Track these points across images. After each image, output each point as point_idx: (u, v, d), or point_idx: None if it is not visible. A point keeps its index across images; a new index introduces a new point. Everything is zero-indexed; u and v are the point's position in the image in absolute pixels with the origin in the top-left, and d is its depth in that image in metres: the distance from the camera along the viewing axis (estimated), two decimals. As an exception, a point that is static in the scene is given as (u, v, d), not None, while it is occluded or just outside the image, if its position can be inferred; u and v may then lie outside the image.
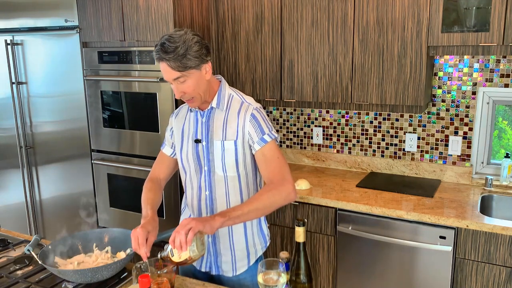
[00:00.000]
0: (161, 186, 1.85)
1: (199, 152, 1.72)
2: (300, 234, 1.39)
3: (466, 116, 2.66)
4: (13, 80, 3.42)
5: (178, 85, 1.60)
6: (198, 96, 1.64)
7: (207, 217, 1.48)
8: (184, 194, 1.85)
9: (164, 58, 1.54)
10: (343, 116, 3.02)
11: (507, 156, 2.56)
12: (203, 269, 1.81)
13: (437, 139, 2.76)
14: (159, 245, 1.56)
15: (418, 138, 2.81)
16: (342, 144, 3.06)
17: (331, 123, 3.07)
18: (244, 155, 1.70)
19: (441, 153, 2.76)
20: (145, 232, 1.49)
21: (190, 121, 1.77)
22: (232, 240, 1.75)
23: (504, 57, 2.51)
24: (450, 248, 2.20)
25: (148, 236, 1.50)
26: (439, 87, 2.70)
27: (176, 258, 1.44)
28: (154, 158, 2.96)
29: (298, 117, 3.18)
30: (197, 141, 1.72)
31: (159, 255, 1.48)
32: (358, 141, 3.00)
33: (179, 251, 1.41)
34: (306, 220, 2.25)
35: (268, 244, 1.86)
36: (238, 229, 1.75)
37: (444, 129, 2.73)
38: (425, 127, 2.78)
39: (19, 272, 1.67)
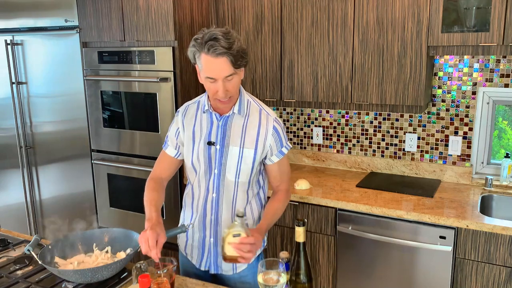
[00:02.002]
0: (164, 185, 1.84)
1: (211, 155, 1.70)
2: (300, 234, 1.39)
3: (466, 116, 2.66)
4: (13, 80, 3.42)
5: (226, 83, 1.56)
6: (236, 95, 1.64)
7: (262, 233, 1.60)
8: (186, 192, 1.84)
9: (227, 53, 1.49)
10: (343, 116, 3.02)
11: (507, 156, 2.56)
12: (202, 268, 1.81)
13: (437, 139, 2.76)
14: (167, 247, 1.56)
15: (418, 138, 2.81)
16: (342, 144, 3.06)
17: (331, 123, 3.07)
18: (259, 164, 1.73)
19: (441, 153, 2.76)
20: (155, 234, 1.49)
21: (203, 122, 1.73)
22: None
23: (504, 57, 2.51)
24: (450, 248, 2.20)
25: (158, 238, 1.50)
26: (439, 87, 2.70)
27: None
28: (154, 158, 2.96)
29: (298, 117, 3.18)
30: (210, 143, 1.70)
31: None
32: (358, 141, 3.00)
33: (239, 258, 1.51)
34: (306, 220, 2.25)
35: (266, 244, 1.86)
36: None
37: (444, 129, 2.73)
38: (425, 127, 2.78)
39: (19, 272, 1.67)
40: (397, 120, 2.86)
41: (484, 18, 2.27)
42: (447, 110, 2.70)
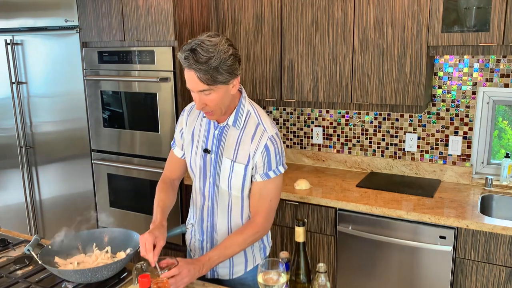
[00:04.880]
0: (175, 186, 1.82)
1: (206, 162, 1.67)
2: (300, 234, 1.39)
3: (466, 116, 2.66)
4: (13, 80, 3.42)
5: (202, 97, 1.49)
6: (219, 110, 1.55)
7: (198, 266, 1.50)
8: (192, 192, 1.82)
9: (196, 68, 1.42)
10: (343, 116, 3.02)
11: (507, 156, 2.56)
12: None
13: (437, 139, 2.76)
14: (167, 247, 1.55)
15: (418, 138, 2.81)
16: (342, 144, 3.06)
17: (331, 123, 3.07)
18: (251, 181, 1.66)
19: (441, 153, 2.76)
20: (152, 238, 1.48)
21: (202, 127, 1.69)
22: None
23: (504, 57, 2.51)
24: (450, 248, 2.20)
25: (156, 241, 1.49)
26: (439, 87, 2.70)
27: None
28: (154, 158, 3.00)
29: (298, 117, 3.18)
30: (206, 151, 1.67)
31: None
32: (358, 141, 3.00)
33: None
34: (306, 220, 2.25)
35: (268, 254, 1.83)
36: None
37: (444, 129, 2.73)
38: (425, 127, 2.78)
39: (19, 272, 1.67)
40: (397, 120, 2.86)
41: (484, 18, 2.27)
42: (447, 110, 2.70)
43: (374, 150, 2.96)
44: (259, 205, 1.65)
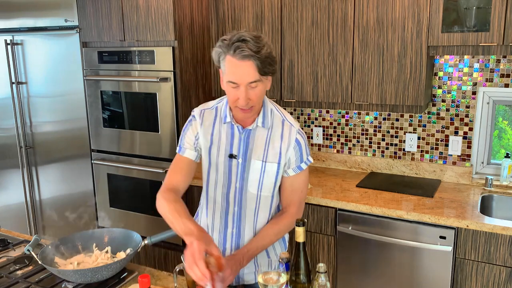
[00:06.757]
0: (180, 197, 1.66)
1: (231, 168, 1.63)
2: (300, 234, 1.39)
3: (466, 116, 2.66)
4: (13, 80, 3.42)
5: (249, 90, 1.46)
6: (258, 105, 1.53)
7: (238, 260, 1.52)
8: (203, 196, 1.75)
9: (254, 56, 1.39)
10: (343, 116, 3.02)
11: (507, 156, 2.56)
12: None
13: (437, 139, 2.76)
14: (157, 245, 1.55)
15: (418, 138, 2.81)
16: (342, 144, 3.06)
17: (331, 123, 3.07)
18: (281, 177, 1.66)
19: (441, 153, 2.76)
20: (203, 246, 1.31)
21: (222, 133, 1.62)
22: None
23: (504, 57, 2.51)
24: (450, 248, 2.20)
25: (209, 250, 1.33)
26: (439, 87, 2.70)
27: None
28: (154, 158, 3.00)
29: (298, 117, 3.18)
30: (232, 156, 1.61)
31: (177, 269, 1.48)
32: (358, 141, 3.00)
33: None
34: (306, 220, 2.25)
35: (287, 248, 1.84)
36: None
37: (444, 129, 2.73)
38: (425, 127, 2.78)
39: (19, 272, 1.67)
40: (397, 120, 2.86)
41: (484, 18, 2.27)
42: (447, 110, 2.70)
43: (374, 150, 2.96)
44: (292, 197, 1.68)
